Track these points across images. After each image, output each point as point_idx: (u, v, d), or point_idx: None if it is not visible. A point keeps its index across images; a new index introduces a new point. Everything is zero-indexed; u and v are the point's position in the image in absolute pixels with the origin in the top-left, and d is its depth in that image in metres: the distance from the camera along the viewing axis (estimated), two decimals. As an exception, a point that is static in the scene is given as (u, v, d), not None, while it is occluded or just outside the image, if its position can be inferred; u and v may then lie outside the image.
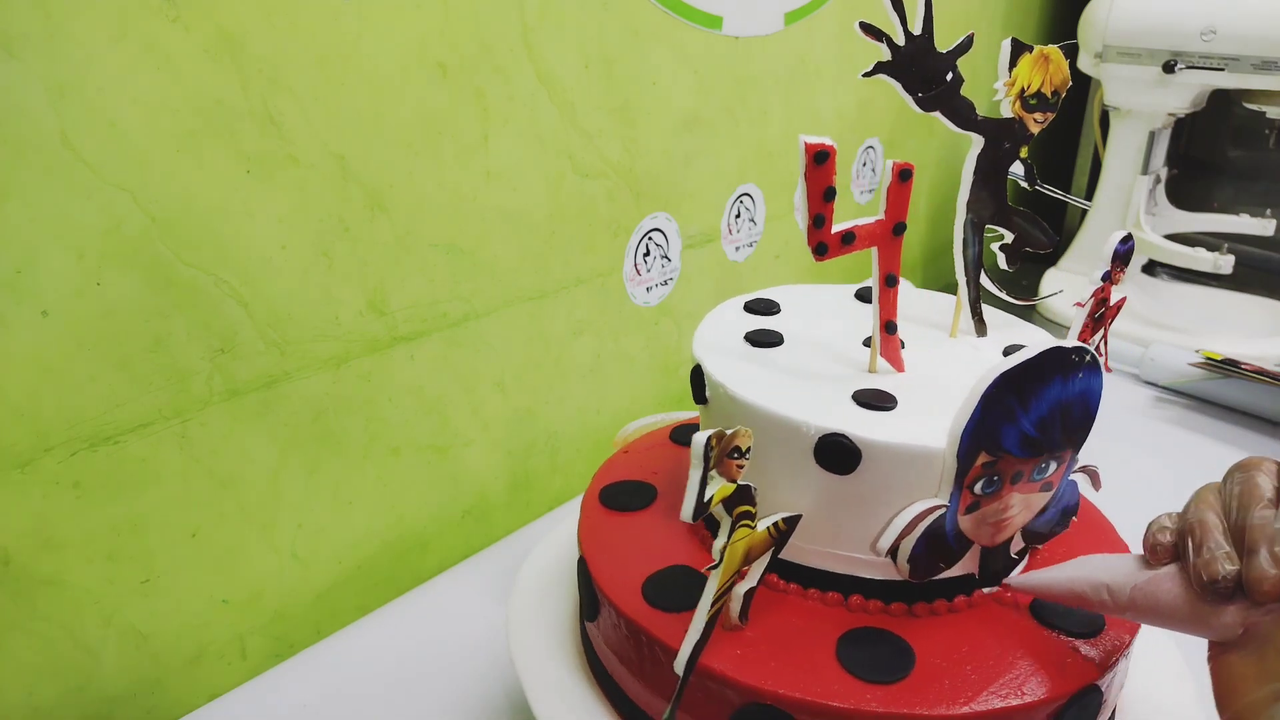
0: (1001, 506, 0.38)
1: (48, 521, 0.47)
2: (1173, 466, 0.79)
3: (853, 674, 0.36)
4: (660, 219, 0.77)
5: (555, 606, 0.51)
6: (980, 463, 0.36)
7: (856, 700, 0.35)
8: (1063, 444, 0.37)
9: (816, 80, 0.89)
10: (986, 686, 0.36)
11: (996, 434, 0.35)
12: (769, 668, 0.37)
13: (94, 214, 0.45)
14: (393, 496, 0.64)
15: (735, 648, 0.38)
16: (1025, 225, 0.48)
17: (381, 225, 0.57)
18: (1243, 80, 0.98)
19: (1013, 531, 0.40)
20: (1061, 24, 1.34)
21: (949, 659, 0.38)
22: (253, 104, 0.49)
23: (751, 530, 0.36)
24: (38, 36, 0.41)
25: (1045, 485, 0.38)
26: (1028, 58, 0.43)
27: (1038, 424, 0.35)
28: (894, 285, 0.42)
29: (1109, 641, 0.39)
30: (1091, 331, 0.46)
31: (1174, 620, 0.33)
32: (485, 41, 0.59)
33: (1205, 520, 0.32)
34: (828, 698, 0.35)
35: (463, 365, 0.66)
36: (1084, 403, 0.37)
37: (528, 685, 0.45)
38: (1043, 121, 0.45)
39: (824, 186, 0.38)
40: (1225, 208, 1.21)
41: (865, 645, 0.38)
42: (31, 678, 0.49)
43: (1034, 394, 0.35)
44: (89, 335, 0.46)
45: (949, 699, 0.35)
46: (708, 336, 0.48)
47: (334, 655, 0.59)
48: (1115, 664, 0.38)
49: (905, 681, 0.36)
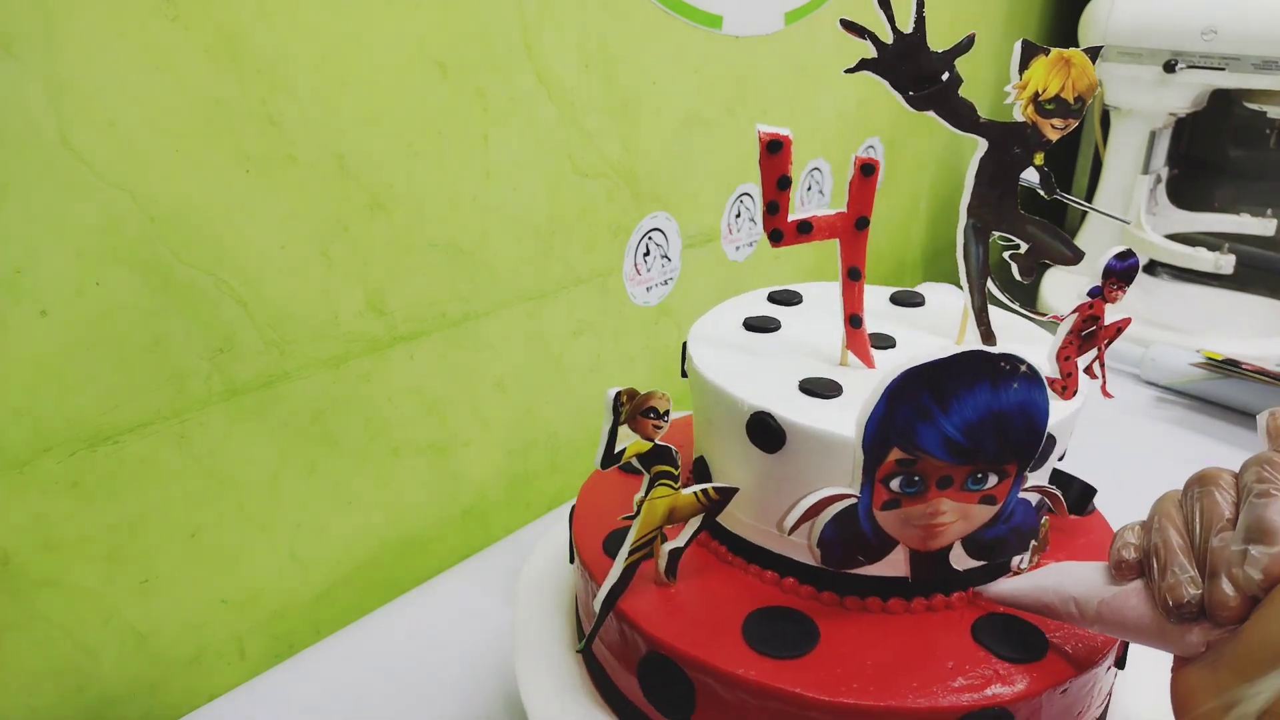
0: (930, 510, 0.37)
1: (47, 521, 0.47)
2: (1173, 466, 0.79)
3: (750, 643, 0.38)
4: (660, 219, 0.77)
5: (555, 609, 0.51)
6: (894, 459, 0.36)
7: (743, 666, 0.36)
8: (1002, 456, 0.36)
9: (816, 80, 0.89)
10: (877, 681, 0.36)
11: (910, 432, 0.35)
12: (676, 624, 0.39)
13: (93, 214, 0.45)
14: (392, 496, 0.64)
15: (657, 601, 0.40)
16: (1042, 236, 0.45)
17: (381, 225, 0.57)
18: (1243, 80, 0.98)
19: (947, 540, 0.38)
20: (1062, 24, 1.34)
21: (854, 650, 0.38)
22: (252, 104, 0.49)
23: (673, 491, 0.38)
24: (37, 36, 0.41)
25: (987, 498, 0.37)
26: (1043, 60, 0.41)
27: (965, 430, 0.35)
28: (857, 279, 0.43)
29: (1041, 672, 0.37)
30: (1079, 350, 0.43)
31: (1140, 635, 0.34)
32: (485, 41, 0.59)
33: (1169, 541, 0.33)
34: (718, 661, 0.37)
35: (463, 365, 0.66)
36: (1025, 416, 0.35)
37: (525, 691, 0.45)
38: (1062, 128, 0.43)
39: (778, 175, 0.39)
40: (1226, 207, 1.21)
41: (775, 621, 0.39)
42: (31, 678, 0.49)
43: (955, 397, 0.34)
44: (88, 335, 0.46)
45: (835, 686, 0.36)
46: (711, 318, 0.50)
47: (334, 655, 0.59)
48: (1039, 694, 0.36)
49: (799, 660, 0.37)
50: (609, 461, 0.36)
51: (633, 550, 0.38)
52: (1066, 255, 0.45)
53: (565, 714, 0.44)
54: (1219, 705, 0.30)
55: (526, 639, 0.48)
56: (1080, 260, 0.45)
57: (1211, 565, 0.31)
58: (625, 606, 0.40)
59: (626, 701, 0.43)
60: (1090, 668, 0.37)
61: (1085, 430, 0.45)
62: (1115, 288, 0.42)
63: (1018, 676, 0.36)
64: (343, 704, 0.54)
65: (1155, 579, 0.33)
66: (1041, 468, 0.41)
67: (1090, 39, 1.06)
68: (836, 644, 0.38)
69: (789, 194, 0.39)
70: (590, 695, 0.45)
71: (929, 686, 0.36)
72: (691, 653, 0.37)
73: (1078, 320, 0.42)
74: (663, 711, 0.40)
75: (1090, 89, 0.41)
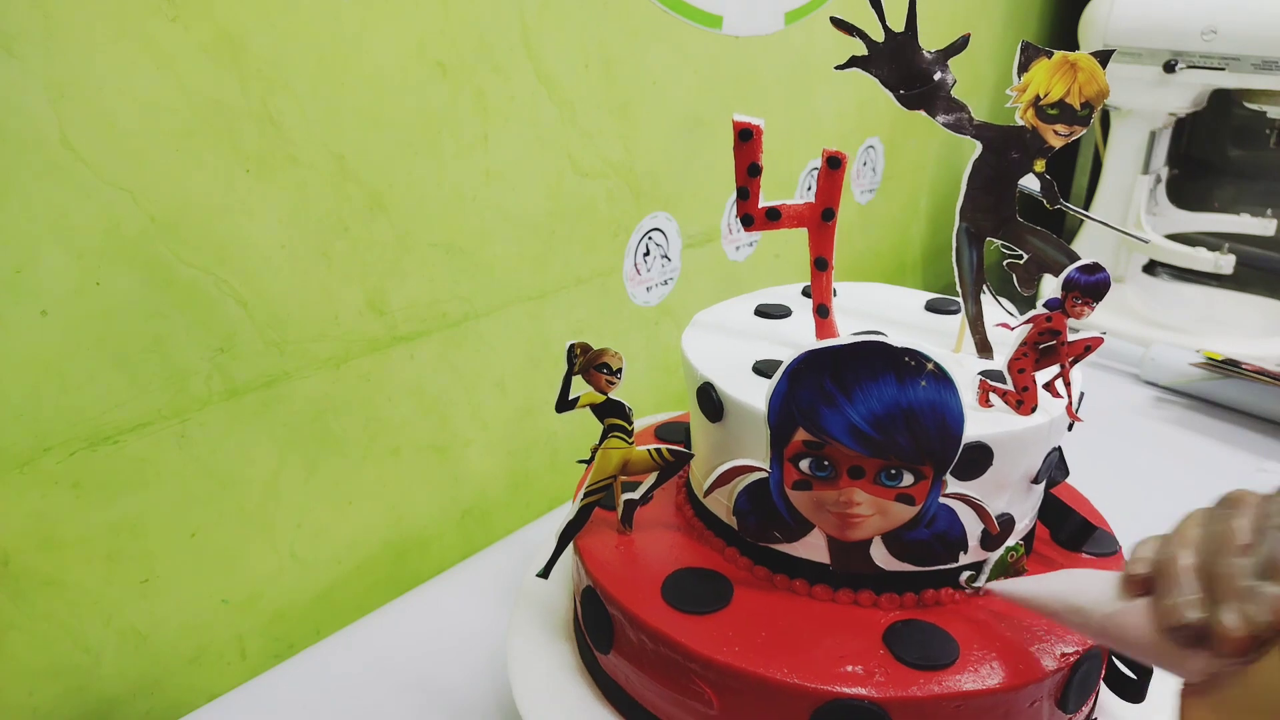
0: (843, 499, 0.38)
1: (47, 521, 0.47)
2: (1173, 466, 0.79)
3: (664, 595, 0.41)
4: (660, 219, 0.77)
5: (555, 614, 0.51)
6: (801, 439, 0.37)
7: (650, 614, 0.39)
8: (914, 455, 0.36)
9: (816, 80, 0.89)
10: (760, 651, 0.37)
11: (814, 414, 0.36)
12: (611, 567, 0.43)
13: (93, 214, 0.45)
14: (392, 496, 0.64)
15: (609, 544, 0.45)
16: (1041, 246, 0.43)
17: (381, 225, 0.57)
18: (1243, 80, 0.98)
19: (865, 533, 0.39)
20: (1061, 24, 1.34)
21: (757, 621, 0.40)
22: (252, 104, 0.49)
23: (627, 444, 0.42)
24: (37, 36, 0.41)
25: (904, 497, 0.37)
26: (1045, 63, 0.39)
27: (872, 421, 0.35)
28: (824, 269, 0.43)
29: (936, 684, 0.36)
30: (1035, 364, 0.40)
31: (1141, 654, 0.33)
32: (485, 41, 0.59)
33: (1178, 559, 0.31)
34: (632, 605, 0.40)
35: (463, 365, 0.66)
36: (937, 417, 0.35)
37: (517, 691, 0.45)
38: (1066, 135, 0.40)
39: (749, 162, 0.41)
40: (1226, 207, 1.21)
41: (697, 580, 0.42)
42: (31, 678, 0.49)
43: (859, 385, 0.35)
44: (88, 335, 0.46)
45: (718, 645, 0.37)
46: (733, 303, 0.53)
47: (334, 655, 0.59)
48: (920, 701, 0.36)
49: (701, 617, 0.39)
50: (562, 407, 0.41)
51: (588, 493, 0.42)
52: (1067, 265, 0.41)
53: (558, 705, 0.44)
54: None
55: (521, 643, 0.48)
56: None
57: (1220, 592, 0.30)
58: (580, 543, 0.44)
59: (626, 697, 0.43)
60: (1000, 692, 0.36)
61: (1085, 430, 0.45)
62: (1079, 303, 0.38)
63: (907, 681, 0.36)
64: (343, 704, 0.54)
65: (1159, 597, 0.31)
66: (981, 479, 0.39)
67: (1090, 39, 1.06)
68: (744, 612, 0.40)
69: (759, 181, 0.41)
70: (587, 692, 0.45)
71: (806, 667, 0.36)
72: (614, 593, 0.41)
73: (1031, 332, 0.39)
74: (592, 640, 0.44)
75: (1100, 95, 0.39)
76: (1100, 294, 0.38)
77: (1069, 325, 0.40)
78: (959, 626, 0.39)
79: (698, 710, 0.38)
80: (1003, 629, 0.39)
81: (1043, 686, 0.37)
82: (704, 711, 0.38)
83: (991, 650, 0.38)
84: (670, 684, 0.39)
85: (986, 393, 0.40)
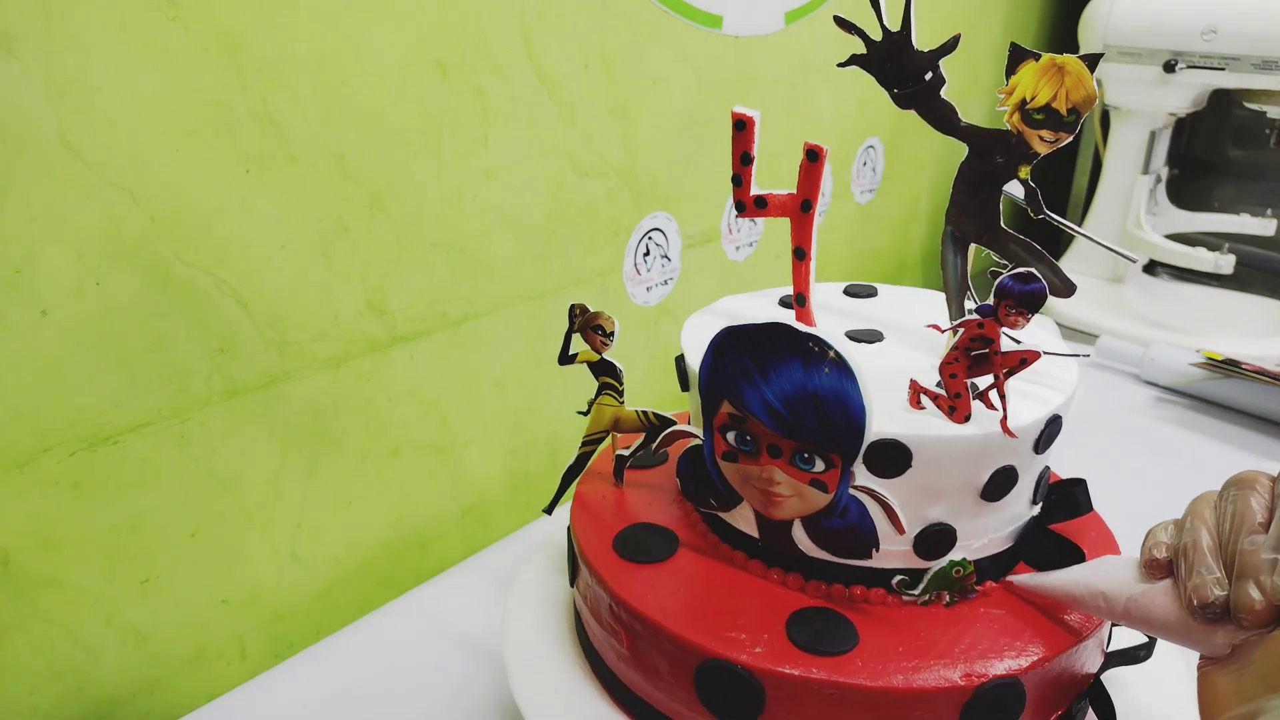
0: (765, 475, 0.39)
1: (47, 521, 0.47)
2: (1173, 466, 0.79)
3: (615, 546, 0.44)
4: (660, 219, 0.77)
5: (553, 610, 0.51)
6: (726, 411, 0.38)
7: (600, 562, 0.43)
8: (822, 440, 0.36)
9: (816, 80, 0.89)
10: (665, 606, 0.40)
11: (735, 388, 0.37)
12: (587, 511, 0.47)
13: (93, 214, 0.45)
14: (392, 496, 0.64)
15: (597, 493, 0.49)
16: (1024, 256, 0.41)
17: (381, 225, 0.57)
18: (1243, 80, 0.98)
19: (786, 513, 0.39)
20: (1061, 24, 1.34)
21: (681, 581, 0.42)
22: (252, 104, 0.49)
23: (617, 403, 0.46)
24: (37, 35, 0.41)
25: (818, 483, 0.38)
26: (1033, 66, 0.37)
27: (784, 401, 0.36)
28: (802, 259, 0.44)
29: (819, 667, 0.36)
30: (968, 371, 0.38)
31: (1166, 633, 0.35)
32: (485, 41, 0.59)
33: (1199, 541, 0.33)
34: (589, 551, 0.44)
35: (463, 365, 0.66)
36: (841, 405, 0.35)
37: (518, 693, 0.45)
38: (1052, 141, 0.38)
39: (741, 151, 0.43)
40: (1226, 207, 1.21)
41: (645, 536, 0.45)
42: (31, 678, 0.49)
43: (771, 365, 0.36)
44: (88, 335, 0.46)
45: (639, 594, 0.40)
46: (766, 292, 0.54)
47: (334, 655, 0.59)
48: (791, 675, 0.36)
49: (637, 566, 0.43)
50: (563, 360, 0.45)
51: (584, 442, 0.47)
52: (1054, 283, 0.39)
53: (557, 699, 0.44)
54: (1244, 713, 0.30)
55: (519, 637, 0.48)
56: (1073, 293, 0.40)
57: (1240, 568, 0.32)
58: (579, 487, 0.49)
59: (626, 690, 0.43)
60: (879, 692, 0.35)
61: (1085, 430, 0.45)
62: (1013, 312, 0.36)
63: (787, 658, 0.37)
64: (343, 704, 0.54)
65: (1182, 578, 0.33)
66: (903, 479, 0.38)
67: (1090, 39, 1.06)
68: (678, 569, 0.43)
69: (750, 170, 0.43)
70: (586, 685, 0.45)
71: (701, 626, 0.38)
72: (578, 534, 0.45)
73: (963, 336, 0.38)
74: (570, 574, 0.49)
75: (1087, 101, 0.37)
76: (1035, 305, 0.36)
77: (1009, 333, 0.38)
78: (870, 625, 0.39)
79: (615, 649, 0.42)
80: (925, 639, 0.38)
81: (934, 700, 0.36)
82: (619, 650, 0.42)
83: (893, 654, 0.37)
84: (600, 620, 0.43)
85: (917, 394, 0.39)
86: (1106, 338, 0.99)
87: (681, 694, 0.39)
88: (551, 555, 0.55)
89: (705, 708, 0.38)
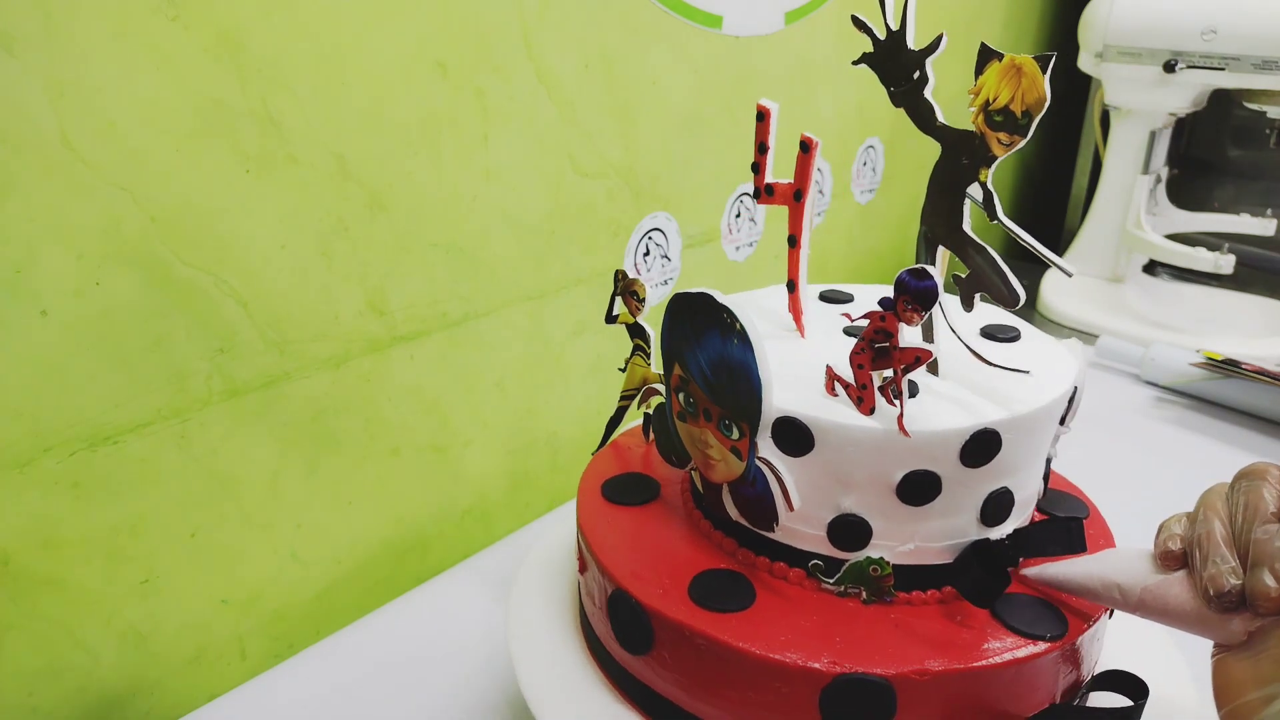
0: (702, 438, 0.41)
1: (47, 521, 0.47)
2: (1173, 466, 0.79)
3: (602, 488, 0.49)
4: (660, 219, 0.77)
5: (555, 606, 0.51)
6: (677, 373, 0.41)
7: (587, 504, 0.47)
8: (734, 409, 0.38)
9: (816, 80, 0.89)
10: (616, 540, 0.44)
11: (680, 351, 0.40)
12: (595, 464, 0.52)
13: (93, 214, 0.45)
14: (392, 496, 0.64)
15: (604, 456, 0.52)
16: (980, 264, 0.40)
17: (381, 225, 0.57)
18: (1243, 80, 0.98)
19: (717, 477, 0.41)
20: (1061, 24, 1.34)
21: (645, 519, 0.46)
22: (252, 104, 0.49)
23: (646, 365, 0.49)
24: (37, 35, 0.41)
25: (735, 450, 0.39)
26: (996, 66, 0.36)
27: (711, 367, 0.38)
28: (793, 246, 0.46)
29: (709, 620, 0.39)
30: (873, 364, 0.37)
31: (1182, 622, 0.35)
32: (485, 41, 0.59)
33: (1212, 532, 0.34)
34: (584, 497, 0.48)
35: (463, 365, 0.66)
36: (745, 376, 0.37)
37: (525, 685, 0.45)
38: (1008, 144, 0.37)
39: (759, 140, 0.45)
40: (1226, 207, 1.21)
41: (629, 481, 0.49)
42: (31, 678, 0.49)
43: (702, 332, 0.38)
44: (88, 335, 0.46)
45: (597, 524, 0.45)
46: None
47: (334, 655, 0.59)
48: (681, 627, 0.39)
49: (613, 506, 0.47)
50: (609, 320, 0.50)
51: (622, 397, 0.51)
52: (1002, 292, 0.39)
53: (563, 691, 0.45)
54: (1260, 697, 0.31)
55: (524, 641, 0.48)
56: (1018, 304, 0.39)
57: (1254, 556, 0.32)
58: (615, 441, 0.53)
59: (631, 679, 0.43)
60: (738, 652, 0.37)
61: (1085, 430, 0.44)
62: (909, 308, 0.35)
63: (677, 605, 0.39)
64: (343, 704, 0.54)
65: (1197, 568, 0.34)
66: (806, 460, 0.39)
67: (1090, 39, 1.06)
68: (645, 514, 0.47)
69: (765, 159, 0.46)
70: (590, 677, 0.45)
71: (622, 560, 0.42)
72: (581, 488, 0.49)
73: (868, 328, 0.37)
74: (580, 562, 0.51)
75: (1039, 103, 0.36)
76: (927, 302, 0.35)
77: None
78: (771, 598, 0.40)
79: (582, 571, 0.47)
80: (818, 623, 0.39)
81: (792, 677, 0.37)
82: (582, 574, 0.47)
83: (777, 627, 0.38)
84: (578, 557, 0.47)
85: (832, 381, 0.40)
86: (1106, 338, 0.99)
87: (601, 624, 0.44)
88: (554, 551, 0.55)
89: (615, 635, 0.42)
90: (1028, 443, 0.40)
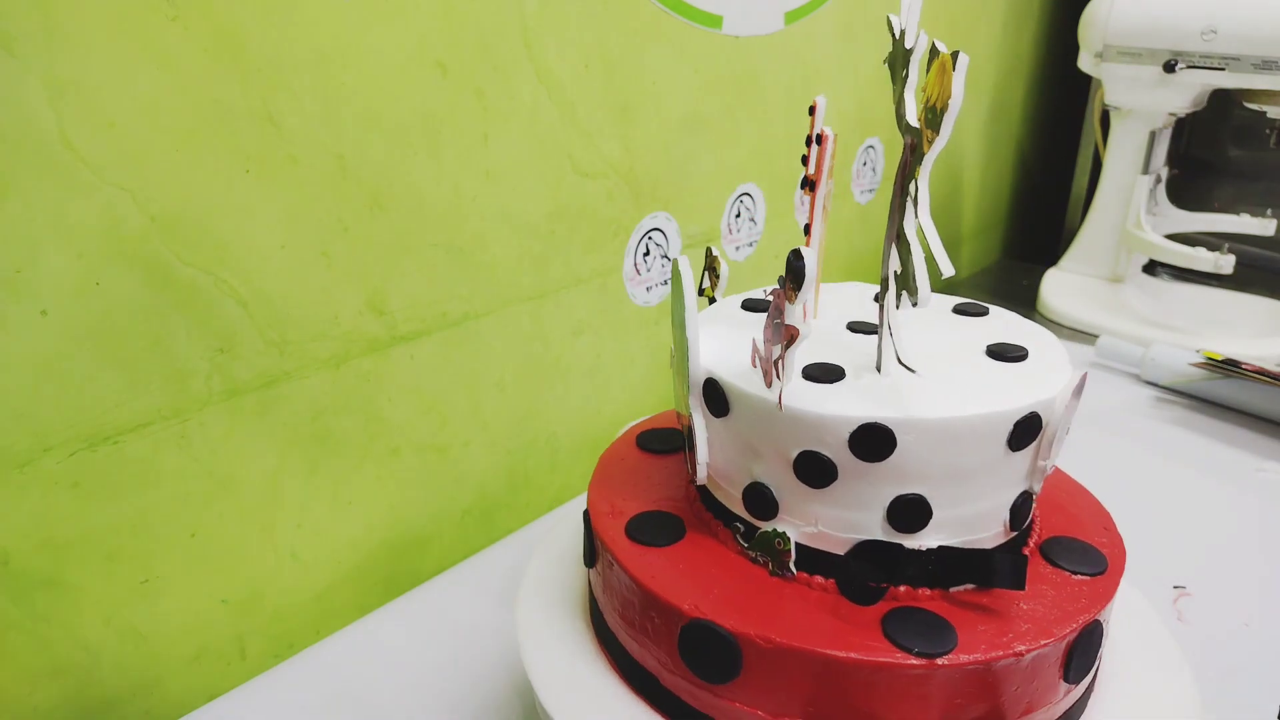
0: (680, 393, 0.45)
1: (47, 521, 0.47)
2: (1173, 466, 0.79)
3: (639, 441, 0.52)
4: (660, 219, 0.77)
5: (562, 603, 0.51)
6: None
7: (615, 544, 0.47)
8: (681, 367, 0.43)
9: (816, 80, 0.89)
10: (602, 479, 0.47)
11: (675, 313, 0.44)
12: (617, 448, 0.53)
13: (93, 214, 0.45)
14: (392, 496, 0.64)
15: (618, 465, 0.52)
16: (906, 262, 0.38)
17: (381, 225, 0.57)
18: (1243, 80, 0.98)
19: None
20: (1061, 24, 1.34)
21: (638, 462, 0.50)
22: (252, 104, 0.49)
23: None
24: (37, 35, 0.41)
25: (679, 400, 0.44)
26: (936, 64, 0.35)
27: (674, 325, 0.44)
28: (807, 234, 0.48)
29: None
30: (770, 339, 0.38)
31: None
32: (485, 41, 0.59)
33: None
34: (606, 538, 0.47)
35: (463, 365, 0.66)
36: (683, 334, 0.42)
37: (535, 680, 0.45)
38: (932, 142, 0.36)
39: (807, 135, 0.46)
40: (1226, 207, 1.21)
41: (659, 436, 0.52)
42: (31, 678, 0.49)
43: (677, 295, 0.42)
44: (88, 335, 0.46)
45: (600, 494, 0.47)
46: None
47: (334, 655, 0.59)
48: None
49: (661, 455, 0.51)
50: (699, 292, 0.50)
51: None
52: (912, 288, 0.37)
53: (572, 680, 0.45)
54: None
55: (533, 637, 0.48)
56: (924, 302, 0.37)
57: None
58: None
59: (639, 668, 0.43)
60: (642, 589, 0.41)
61: (1085, 430, 0.44)
62: (788, 287, 0.35)
63: (616, 541, 0.43)
64: (343, 704, 0.54)
65: None
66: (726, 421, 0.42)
67: (1090, 39, 1.06)
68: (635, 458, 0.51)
69: (811, 150, 0.47)
70: (600, 665, 0.45)
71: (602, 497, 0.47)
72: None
73: (773, 305, 0.37)
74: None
75: (947, 101, 0.35)
76: (795, 280, 0.35)
77: None
78: (696, 544, 0.43)
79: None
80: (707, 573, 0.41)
81: (659, 609, 0.40)
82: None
83: (685, 566, 0.42)
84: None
85: (754, 354, 0.40)
86: (1106, 338, 0.99)
87: None
88: (557, 547, 0.55)
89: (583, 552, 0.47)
90: (941, 451, 0.38)
